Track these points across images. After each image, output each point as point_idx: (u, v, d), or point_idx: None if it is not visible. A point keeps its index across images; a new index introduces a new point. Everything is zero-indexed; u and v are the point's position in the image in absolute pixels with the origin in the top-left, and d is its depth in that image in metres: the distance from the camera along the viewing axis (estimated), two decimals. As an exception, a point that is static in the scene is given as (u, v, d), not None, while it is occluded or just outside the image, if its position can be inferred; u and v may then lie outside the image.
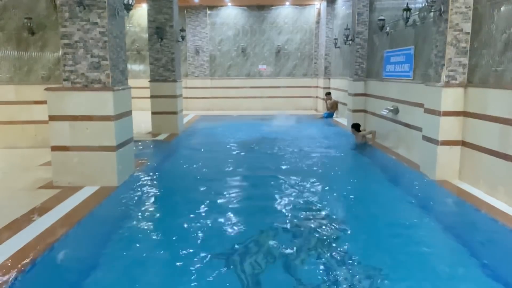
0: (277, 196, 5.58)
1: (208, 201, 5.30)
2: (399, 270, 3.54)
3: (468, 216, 4.90)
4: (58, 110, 5.58)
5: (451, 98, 5.93)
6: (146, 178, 6.32)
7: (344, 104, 12.93)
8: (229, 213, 4.95)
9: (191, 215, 4.80)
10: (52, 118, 5.59)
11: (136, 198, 5.41)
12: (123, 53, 6.17)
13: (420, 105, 6.79)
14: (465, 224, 4.73)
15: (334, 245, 4.07)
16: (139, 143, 8.91)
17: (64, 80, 5.63)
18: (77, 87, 5.62)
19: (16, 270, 3.31)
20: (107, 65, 5.59)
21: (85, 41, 5.55)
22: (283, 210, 5.04)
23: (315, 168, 7.22)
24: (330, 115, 14.45)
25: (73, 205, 4.90)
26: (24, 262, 3.44)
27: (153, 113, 10.75)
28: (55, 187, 5.58)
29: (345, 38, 11.85)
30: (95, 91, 5.60)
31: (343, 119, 13.06)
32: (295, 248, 3.97)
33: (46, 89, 5.63)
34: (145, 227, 4.53)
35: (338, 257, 3.79)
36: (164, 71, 10.69)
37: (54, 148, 5.65)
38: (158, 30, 10.45)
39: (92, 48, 5.57)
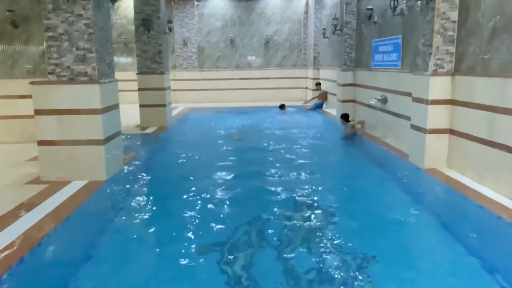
0: (267, 186, 5.59)
1: (197, 193, 5.28)
2: (388, 257, 3.58)
3: (456, 203, 4.95)
4: (44, 104, 5.49)
5: (438, 86, 5.96)
6: (135, 171, 6.28)
7: (333, 94, 12.94)
8: (219, 204, 4.95)
9: (181, 207, 4.79)
10: (38, 112, 5.51)
11: (125, 192, 5.37)
12: (109, 45, 6.09)
13: (408, 94, 6.82)
14: (452, 211, 4.78)
15: (324, 233, 4.09)
16: (128, 137, 8.83)
17: (49, 73, 5.54)
18: (62, 81, 5.54)
19: (3, 266, 3.27)
20: (93, 57, 5.51)
21: (69, 34, 5.46)
22: (273, 200, 5.05)
23: (304, 159, 7.23)
24: (319, 106, 14.46)
25: (61, 200, 4.85)
26: (12, 258, 3.40)
27: (141, 106, 10.65)
28: (43, 182, 5.52)
29: (333, 28, 11.83)
30: (81, 84, 5.52)
31: (332, 110, 13.08)
32: (285, 237, 3.99)
33: (31, 83, 5.54)
34: (135, 221, 4.51)
35: (329, 245, 3.81)
36: (152, 63, 10.58)
37: (41, 143, 5.58)
38: (145, 21, 10.31)
39: (77, 41, 5.48)
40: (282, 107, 14.36)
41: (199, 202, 5.01)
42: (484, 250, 3.66)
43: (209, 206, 4.88)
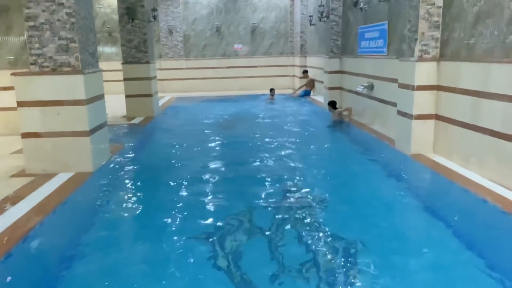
0: (255, 174, 5.60)
1: (186, 183, 5.28)
2: (375, 241, 3.62)
3: (441, 188, 5.02)
4: (26, 95, 5.39)
5: (424, 72, 5.99)
6: (122, 162, 6.23)
7: (321, 82, 12.94)
8: (208, 192, 4.95)
9: (169, 197, 4.78)
10: (21, 104, 5.41)
11: (112, 183, 5.33)
12: (92, 35, 5.98)
13: (395, 80, 6.85)
14: (438, 196, 4.85)
15: (312, 220, 4.12)
16: (114, 127, 8.75)
17: (31, 64, 5.43)
18: (45, 71, 5.43)
19: (-10, 261, 3.23)
20: (76, 47, 5.41)
21: (51, 23, 5.34)
22: (262, 188, 5.07)
23: (292, 146, 7.25)
24: (307, 93, 14.46)
25: (48, 193, 4.79)
26: (-2, 252, 3.36)
27: (127, 96, 10.52)
28: (28, 175, 5.45)
29: (319, 15, 11.78)
30: (65, 74, 5.42)
31: (320, 97, 13.10)
32: (275, 224, 4.01)
33: (12, 74, 5.42)
34: (123, 212, 4.49)
35: (317, 231, 3.85)
36: (137, 52, 10.44)
37: (25, 135, 5.49)
38: (129, 10, 10.15)
39: (59, 30, 5.37)
40: (271, 90, 14.23)
41: (188, 191, 5.00)
42: (469, 232, 3.73)
43: (198, 195, 4.87)
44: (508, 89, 4.53)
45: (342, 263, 3.29)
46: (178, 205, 4.55)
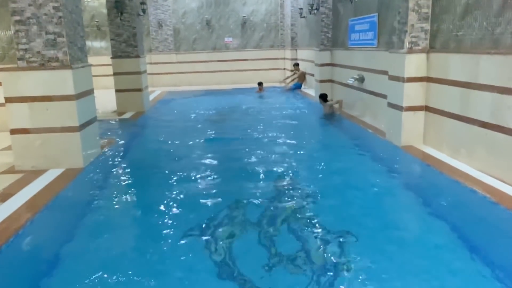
0: (247, 168, 5.60)
1: (177, 177, 5.26)
2: (366, 232, 3.65)
3: (432, 179, 5.07)
4: (14, 91, 5.32)
5: (414, 64, 6.02)
6: (112, 157, 6.19)
7: (311, 75, 12.94)
8: (200, 187, 4.95)
9: (161, 192, 4.76)
10: (9, 100, 5.34)
11: (103, 178, 5.31)
12: (80, 29, 5.91)
13: (385, 72, 6.87)
14: (428, 187, 4.89)
15: (304, 212, 4.14)
16: (104, 123, 8.68)
17: (19, 59, 5.36)
18: (33, 67, 5.36)
19: (-20, 258, 3.20)
20: (64, 42, 5.34)
21: (38, 17, 5.27)
22: (254, 181, 5.07)
23: (283, 139, 7.26)
24: (298, 86, 14.45)
25: (38, 189, 4.75)
26: (-12, 250, 3.33)
27: (117, 91, 10.43)
28: (18, 171, 5.39)
29: (310, 8, 11.75)
30: (53, 70, 5.36)
31: (311, 90, 13.10)
32: (266, 217, 4.02)
33: (-1, 70, 5.36)
34: (114, 208, 4.47)
35: (309, 223, 3.87)
36: (126, 46, 10.34)
37: (14, 132, 5.42)
38: (117, 4, 10.03)
39: (46, 25, 5.30)
40: (260, 84, 14.25)
41: (179, 186, 4.99)
42: (460, 222, 3.77)
43: (190, 189, 4.86)
44: (497, 80, 4.57)
45: (334, 254, 3.31)
46: (169, 199, 4.54)
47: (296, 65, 15.02)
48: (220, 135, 7.86)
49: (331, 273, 3.04)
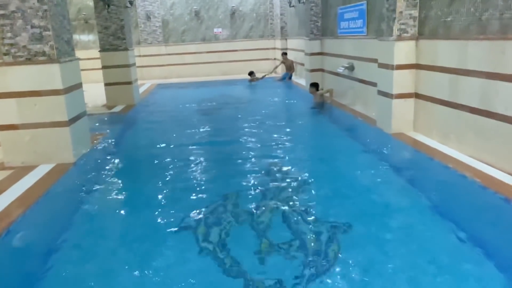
0: (239, 159, 5.61)
1: (169, 170, 5.26)
2: (359, 219, 3.68)
3: (422, 165, 5.11)
4: (1, 87, 5.23)
5: (403, 51, 6.03)
6: (103, 151, 6.16)
7: (302, 64, 12.92)
8: (191, 179, 4.95)
9: (153, 186, 4.76)
10: (-4, 95, 5.28)
11: (94, 173, 5.28)
12: (66, 22, 5.82)
13: (375, 60, 6.87)
14: (419, 173, 4.95)
15: (297, 200, 4.17)
16: (94, 117, 8.61)
17: (4, 54, 5.27)
18: (19, 61, 5.29)
19: (-29, 256, 3.18)
20: (50, 35, 5.27)
21: (23, 11, 5.18)
22: (246, 172, 5.09)
23: (274, 129, 7.27)
24: (290, 76, 14.42)
25: (28, 185, 4.71)
26: (-20, 247, 3.31)
27: (106, 84, 10.33)
28: (7, 168, 5.34)
29: (299, -4, 11.69)
30: (40, 64, 5.29)
31: (301, 80, 13.09)
32: (260, 208, 4.03)
33: (-15, 65, 5.27)
34: (106, 202, 4.46)
35: (302, 211, 3.89)
36: (114, 39, 10.23)
37: (2, 128, 5.35)
38: (104, -4, 9.90)
39: (31, 18, 5.21)
40: (251, 74, 14.23)
41: (172, 179, 4.98)
42: (450, 207, 3.81)
43: (182, 182, 4.87)
44: (485, 65, 4.60)
45: (326, 243, 3.34)
46: (161, 193, 4.54)
47: (284, 54, 14.95)
48: (211, 127, 7.85)
49: (324, 262, 3.07)
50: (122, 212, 4.27)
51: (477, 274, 2.87)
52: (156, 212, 4.05)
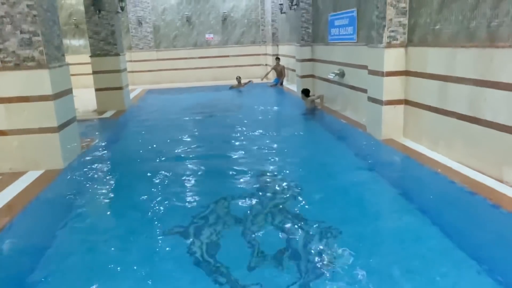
0: (230, 164, 5.59)
1: (160, 177, 5.22)
2: (349, 226, 3.68)
3: (411, 171, 5.15)
4: (-11, 92, 5.20)
5: (393, 58, 6.08)
6: (93, 157, 6.11)
7: (293, 70, 12.97)
8: (183, 186, 4.92)
9: (144, 192, 4.71)
10: (-16, 101, 5.22)
11: (84, 179, 5.23)
12: (56, 28, 5.79)
13: (365, 67, 6.93)
14: (408, 179, 4.98)
15: (287, 207, 4.16)
16: (85, 122, 8.55)
17: (-7, 59, 5.23)
18: (8, 67, 5.24)
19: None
20: (39, 41, 5.23)
21: (11, 16, 5.14)
22: (238, 178, 5.07)
23: (266, 135, 7.28)
24: (280, 82, 14.45)
25: (16, 192, 4.66)
26: (-34, 255, 3.26)
27: (97, 89, 10.27)
28: (-5, 174, 5.28)
29: (290, 3, 11.76)
30: (29, 69, 5.25)
31: (293, 85, 13.14)
32: (250, 214, 4.02)
33: (-27, 71, 5.21)
34: (96, 209, 4.42)
35: (292, 218, 3.89)
36: (105, 44, 10.19)
37: (-10, 134, 5.30)
38: (95, 1, 9.84)
39: (20, 24, 5.17)
40: (238, 78, 14.27)
41: (162, 185, 4.95)
42: (439, 215, 3.83)
43: (172, 188, 4.83)
44: (473, 73, 4.66)
45: (318, 250, 3.33)
46: (152, 199, 4.50)
47: (277, 59, 14.95)
48: (202, 133, 7.83)
49: (316, 268, 3.06)
50: (110, 218, 4.23)
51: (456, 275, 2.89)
52: (145, 220, 4.01)
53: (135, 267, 3.18)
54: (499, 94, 4.28)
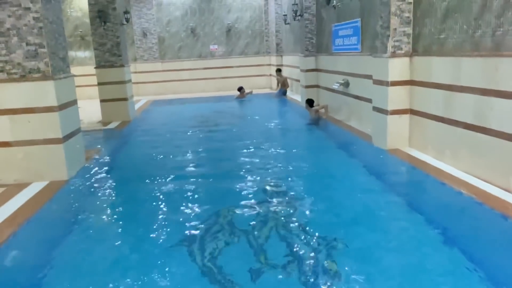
0: (234, 175, 5.56)
1: (164, 188, 5.20)
2: (355, 237, 3.64)
3: (418, 181, 5.10)
4: (-5, 104, 5.23)
5: (397, 68, 6.07)
6: (98, 169, 6.10)
7: (297, 80, 12.98)
8: (188, 196, 4.88)
9: (148, 203, 4.69)
10: (-11, 113, 5.24)
11: (88, 190, 5.22)
12: (62, 39, 5.84)
13: (369, 77, 6.91)
14: (415, 189, 4.93)
15: (292, 217, 4.12)
16: (89, 133, 8.58)
17: (-1, 71, 5.27)
18: (14, 78, 5.27)
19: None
20: (45, 53, 5.27)
21: (18, 28, 5.19)
22: (243, 189, 5.03)
23: (270, 145, 7.24)
24: (284, 92, 14.48)
25: (21, 203, 4.66)
26: (-31, 267, 3.24)
27: (101, 101, 10.32)
28: (0, 185, 5.28)
29: (294, 14, 11.81)
30: (35, 81, 5.28)
31: (297, 96, 13.14)
32: (255, 225, 3.98)
33: (-21, 82, 5.25)
34: (100, 220, 4.39)
35: (297, 229, 3.84)
36: (110, 56, 10.26)
37: (-5, 145, 5.32)
38: (100, 13, 9.97)
39: (26, 36, 5.22)
40: (240, 89, 14.30)
41: (166, 196, 4.93)
42: (447, 224, 3.78)
43: (176, 199, 4.80)
44: (479, 82, 4.63)
45: (323, 260, 3.28)
46: (156, 210, 4.48)
47: (279, 70, 15.02)
48: (207, 143, 7.82)
49: (321, 280, 3.02)
50: (115, 230, 4.20)
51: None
52: (150, 231, 3.98)
53: (138, 282, 3.15)
54: (505, 103, 4.24)
